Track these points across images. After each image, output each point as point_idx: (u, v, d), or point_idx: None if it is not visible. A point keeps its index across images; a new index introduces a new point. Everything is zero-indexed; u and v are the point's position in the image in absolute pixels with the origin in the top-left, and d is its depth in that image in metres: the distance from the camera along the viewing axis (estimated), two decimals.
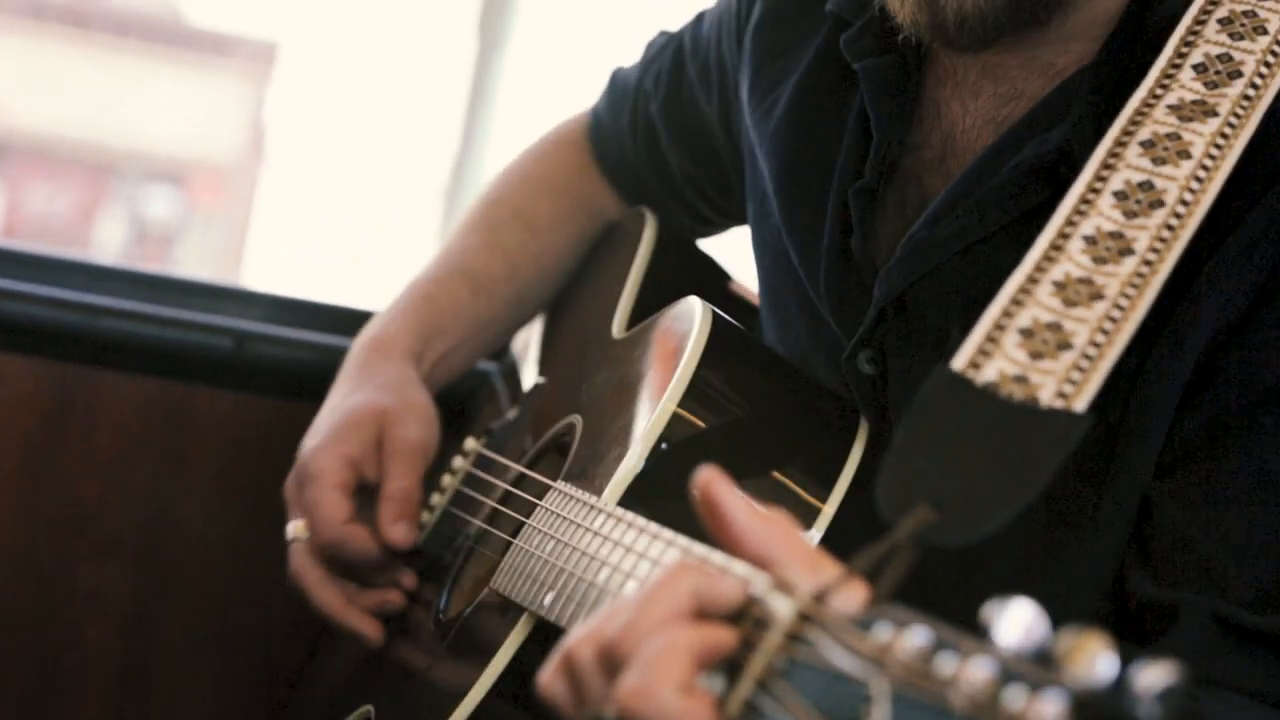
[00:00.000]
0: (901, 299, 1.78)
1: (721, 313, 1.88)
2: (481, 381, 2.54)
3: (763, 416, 1.85)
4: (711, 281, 2.33)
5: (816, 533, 1.75)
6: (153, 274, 3.00)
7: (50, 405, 2.84)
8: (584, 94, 2.35)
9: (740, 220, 2.14)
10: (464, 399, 2.49)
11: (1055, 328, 1.49)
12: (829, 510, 1.77)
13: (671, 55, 2.24)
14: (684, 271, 2.30)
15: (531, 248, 2.36)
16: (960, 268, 1.68)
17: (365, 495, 2.17)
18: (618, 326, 2.15)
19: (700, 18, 2.22)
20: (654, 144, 2.26)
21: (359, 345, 2.28)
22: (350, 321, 2.65)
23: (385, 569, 2.14)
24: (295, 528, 2.18)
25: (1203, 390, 1.63)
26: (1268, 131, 1.62)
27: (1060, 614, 1.72)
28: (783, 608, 1.24)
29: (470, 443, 2.33)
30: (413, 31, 9.87)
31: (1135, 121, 1.61)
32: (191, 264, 10.06)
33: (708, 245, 2.40)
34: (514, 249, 2.36)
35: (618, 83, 2.31)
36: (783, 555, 1.30)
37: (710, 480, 1.34)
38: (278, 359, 2.88)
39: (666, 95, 2.23)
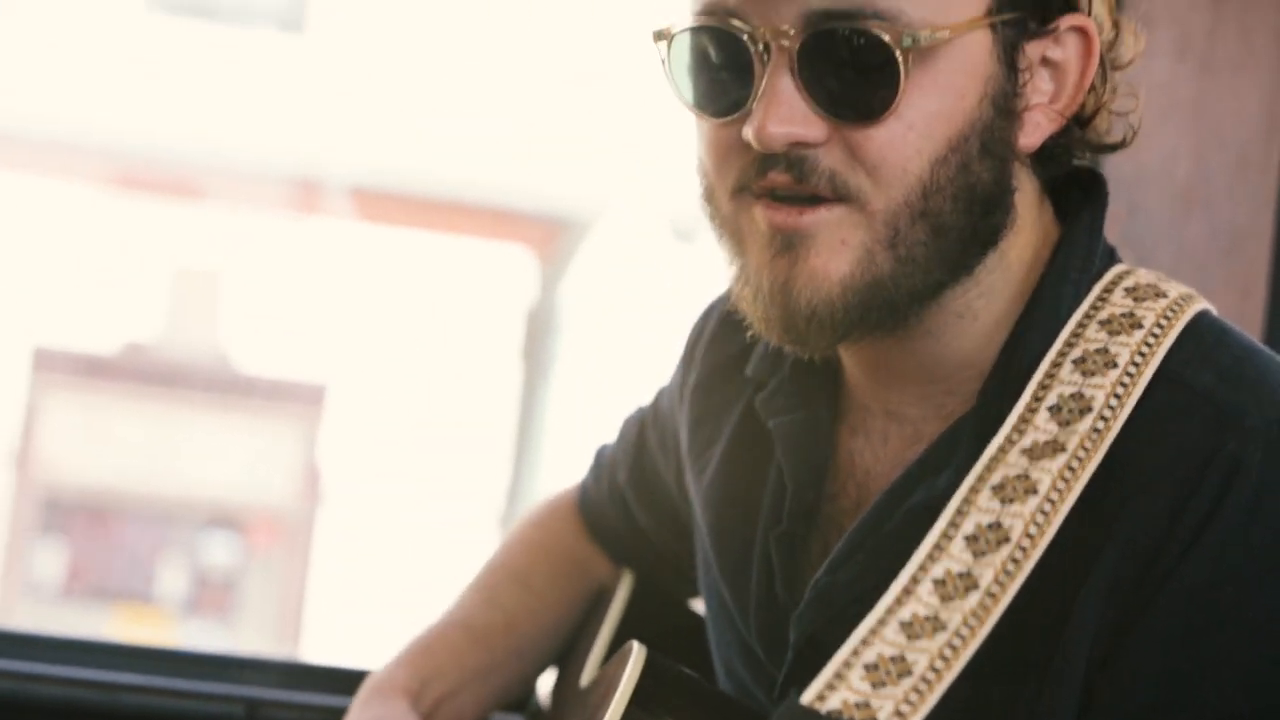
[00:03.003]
0: (815, 640, 1.82)
1: (659, 654, 1.94)
2: None
3: None
4: (686, 631, 2.38)
5: None
6: (164, 649, 3.05)
7: None
8: (628, 410, 2.44)
9: None
10: None
11: (898, 660, 1.60)
12: None
13: (636, 426, 2.32)
14: (657, 623, 2.35)
15: (530, 604, 2.41)
16: (865, 607, 1.72)
17: None
18: (586, 677, 2.21)
19: (663, 390, 2.30)
20: (626, 510, 2.32)
21: (359, 693, 2.34)
22: (360, 683, 2.68)
23: None
24: None
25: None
26: (1116, 464, 1.67)
27: None
28: None
29: None
30: (458, 364, 10.03)
31: (990, 467, 1.68)
32: (253, 609, 10.12)
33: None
34: (511, 606, 2.41)
35: (601, 457, 2.40)
36: None
37: None
38: None
39: (632, 464, 2.30)
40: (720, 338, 2.10)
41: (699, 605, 2.43)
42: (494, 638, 2.37)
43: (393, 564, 9.86)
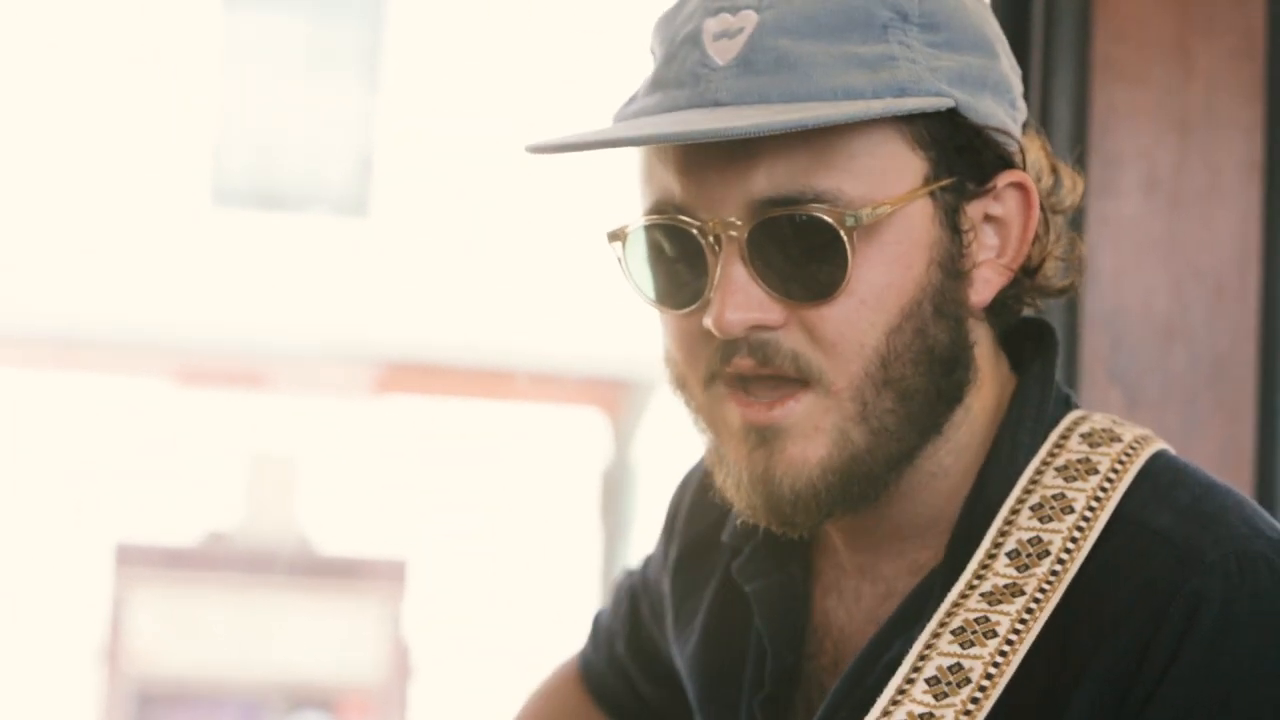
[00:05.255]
0: None
1: None
2: None
3: None
4: None
5: None
6: None
7: None
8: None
9: None
10: None
11: None
12: None
13: (629, 596, 2.33)
14: None
15: None
16: None
17: None
18: None
19: (649, 558, 2.32)
20: (629, 680, 2.34)
21: None
22: None
23: None
24: None
25: None
26: (1079, 607, 1.69)
27: None
28: None
29: None
30: (537, 529, 10.05)
31: (951, 613, 1.71)
32: None
33: None
34: None
35: (598, 624, 2.42)
36: None
37: None
38: None
39: (629, 634, 2.32)
40: (698, 508, 2.13)
41: None
42: None
43: None
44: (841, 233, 1.70)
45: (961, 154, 1.75)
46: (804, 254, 1.72)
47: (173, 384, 9.96)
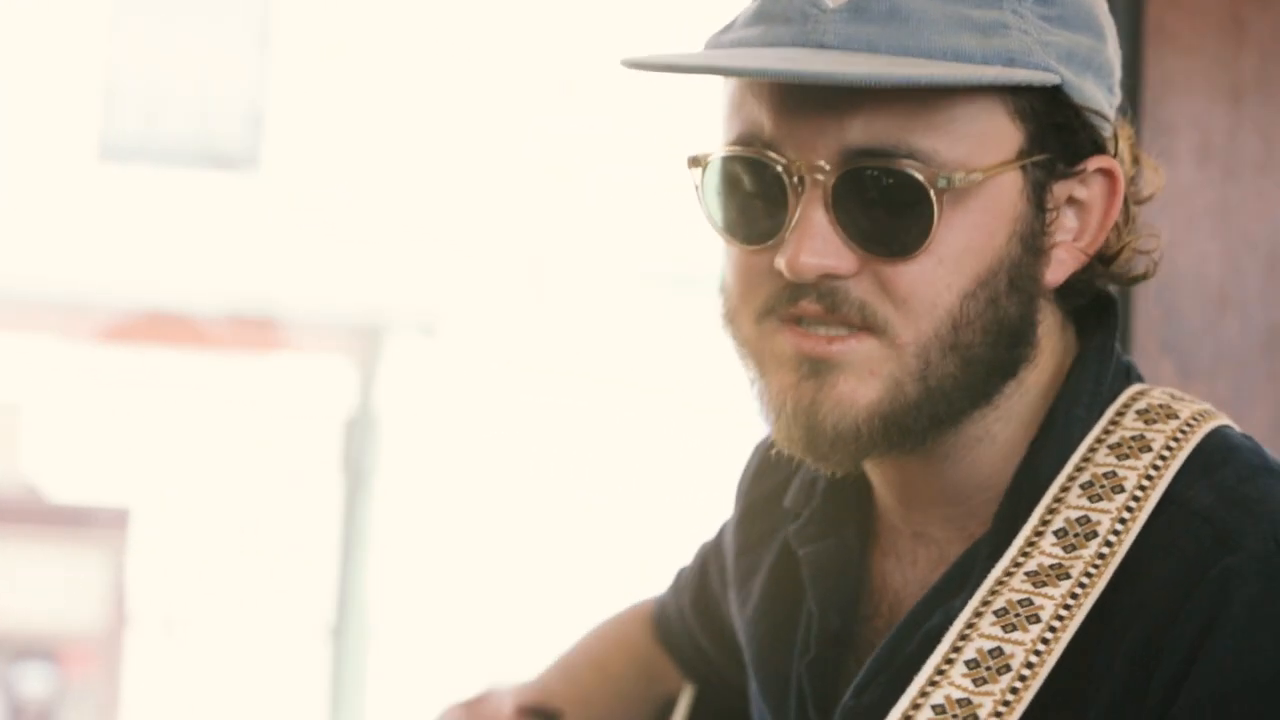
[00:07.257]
0: None
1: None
2: None
3: None
4: None
5: None
6: None
7: None
8: (451, 516, 2.48)
9: None
10: None
11: None
12: None
13: (702, 553, 2.34)
14: None
15: (605, 688, 2.44)
16: None
17: None
18: None
19: (725, 523, 2.32)
20: (692, 634, 2.35)
21: None
22: None
23: None
24: None
25: None
26: (1120, 590, 1.70)
27: None
28: None
29: None
30: (277, 480, 9.92)
31: (994, 592, 1.71)
32: None
33: None
34: (588, 685, 2.44)
35: (680, 575, 2.43)
36: None
37: None
38: None
39: (696, 591, 2.34)
40: (762, 473, 2.13)
41: None
42: (569, 705, 2.38)
43: (220, 682, 9.74)
44: (931, 193, 1.70)
45: (1058, 132, 1.76)
46: (888, 209, 1.71)
47: None
